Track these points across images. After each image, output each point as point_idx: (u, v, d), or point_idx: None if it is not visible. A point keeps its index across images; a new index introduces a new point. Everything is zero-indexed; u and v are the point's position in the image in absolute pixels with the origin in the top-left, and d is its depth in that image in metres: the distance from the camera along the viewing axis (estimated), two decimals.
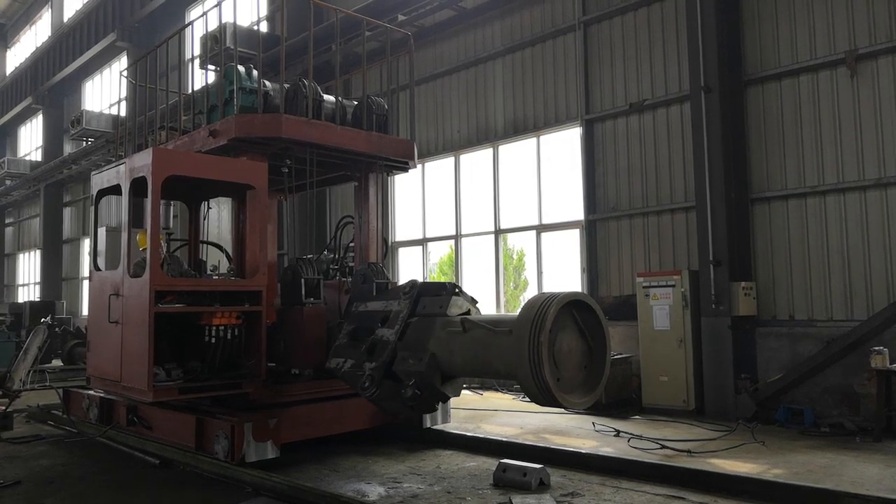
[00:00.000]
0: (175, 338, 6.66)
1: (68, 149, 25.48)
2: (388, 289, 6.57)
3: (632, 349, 9.85)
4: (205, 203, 8.48)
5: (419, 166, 11.90)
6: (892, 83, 8.22)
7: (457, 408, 8.93)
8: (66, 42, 25.31)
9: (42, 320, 10.97)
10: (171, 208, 7.95)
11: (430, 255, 13.85)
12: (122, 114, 16.91)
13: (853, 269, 8.42)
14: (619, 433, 7.78)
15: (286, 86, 7.63)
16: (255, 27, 15.52)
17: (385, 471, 6.37)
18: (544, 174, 11.86)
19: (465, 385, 6.60)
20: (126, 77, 12.36)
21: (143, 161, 6.55)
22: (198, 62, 15.23)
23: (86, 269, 22.25)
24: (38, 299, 24.79)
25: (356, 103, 8.36)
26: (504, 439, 7.25)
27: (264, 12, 16.90)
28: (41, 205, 26.74)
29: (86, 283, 22.92)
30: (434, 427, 7.69)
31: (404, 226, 14.23)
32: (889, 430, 7.44)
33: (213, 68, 13.36)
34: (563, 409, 7.14)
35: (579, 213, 11.13)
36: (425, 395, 5.58)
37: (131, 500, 5.59)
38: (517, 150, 12.35)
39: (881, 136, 8.28)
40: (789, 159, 8.97)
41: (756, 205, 9.21)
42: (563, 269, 11.52)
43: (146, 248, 6.45)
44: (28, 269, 29.76)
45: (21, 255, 30.48)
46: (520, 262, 12.87)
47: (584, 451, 6.60)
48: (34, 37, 30.51)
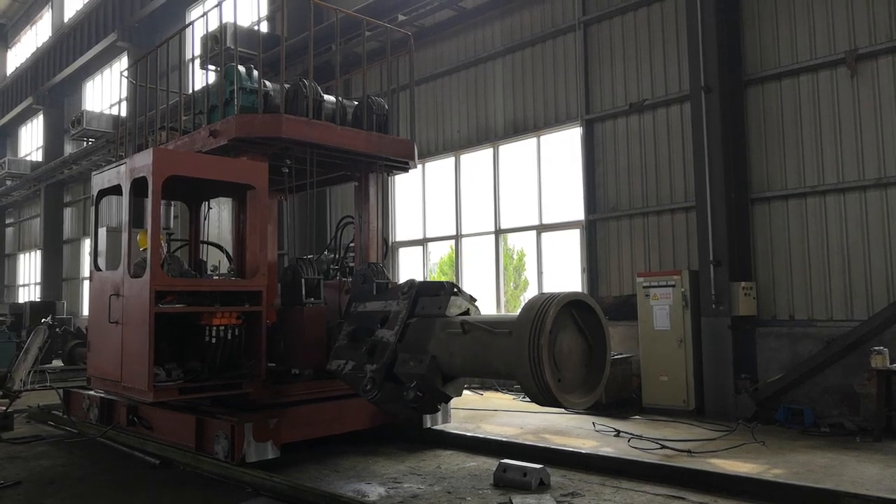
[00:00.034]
0: (175, 338, 6.66)
1: (69, 149, 25.49)
2: (388, 289, 6.57)
3: (632, 349, 9.85)
4: (205, 203, 8.49)
5: (419, 166, 11.90)
6: (893, 83, 8.22)
7: (457, 408, 8.93)
8: (67, 42, 25.32)
9: (42, 320, 11.01)
10: (172, 208, 7.94)
11: (430, 255, 13.85)
12: (123, 114, 16.93)
13: (853, 268, 8.42)
14: (619, 433, 7.79)
15: (286, 86, 7.63)
16: (256, 27, 15.52)
17: (385, 471, 6.38)
18: (544, 174, 11.86)
19: (465, 385, 6.59)
20: (126, 77, 12.38)
21: (143, 161, 6.56)
22: (198, 62, 15.24)
23: (86, 269, 22.26)
24: (38, 299, 24.79)
25: (356, 103, 8.37)
26: (504, 439, 7.25)
27: (264, 12, 16.91)
28: (42, 205, 26.75)
29: (86, 284, 22.93)
30: (434, 427, 7.69)
31: (404, 226, 14.23)
32: (889, 430, 7.44)
33: (213, 68, 13.35)
34: (563, 409, 7.15)
35: (579, 213, 11.13)
36: (427, 396, 5.58)
37: (132, 500, 5.59)
38: (517, 150, 12.35)
39: (881, 135, 8.28)
40: (789, 159, 8.98)
41: (756, 205, 9.21)
42: (563, 269, 11.52)
43: (146, 249, 6.46)
44: (28, 269, 29.77)
45: (21, 256, 30.49)
46: (520, 262, 12.87)
47: (584, 451, 6.60)
48: (35, 37, 30.53)
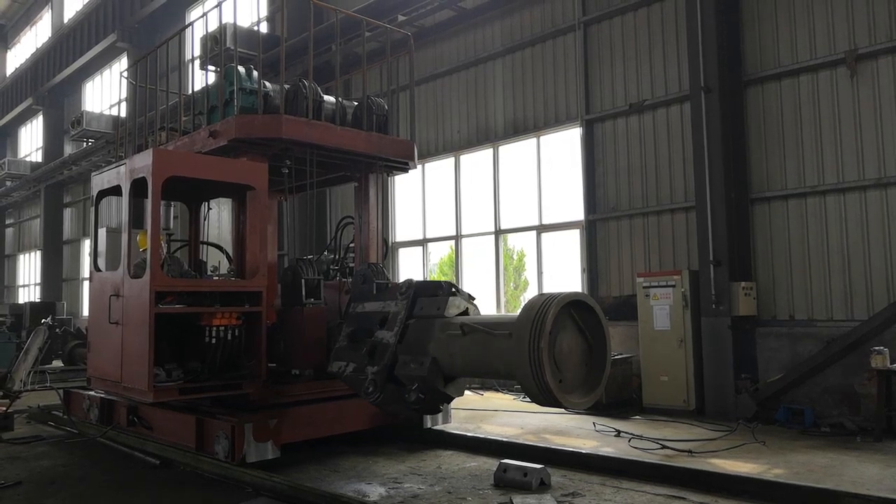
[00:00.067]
0: (175, 338, 6.66)
1: (69, 150, 25.49)
2: (387, 289, 6.56)
3: (632, 349, 9.85)
4: (205, 204, 8.48)
5: (419, 167, 11.90)
6: (893, 83, 8.22)
7: (457, 408, 8.93)
8: (67, 43, 25.32)
9: (42, 321, 11.00)
10: (172, 209, 7.94)
11: (430, 255, 13.85)
12: (123, 115, 16.93)
13: (853, 268, 8.42)
14: (619, 433, 7.78)
15: (286, 86, 7.63)
16: (256, 28, 15.53)
17: (386, 471, 6.37)
18: (544, 174, 11.86)
19: (466, 385, 6.58)
20: (126, 78, 12.37)
21: (143, 162, 6.56)
22: (198, 63, 15.24)
23: (86, 269, 22.25)
24: (38, 300, 24.80)
25: (356, 104, 8.36)
26: (504, 439, 7.25)
27: (264, 13, 16.91)
28: (41, 206, 26.75)
29: (86, 284, 22.93)
30: (434, 427, 7.69)
31: (404, 226, 14.23)
32: (889, 429, 7.44)
33: (213, 69, 13.34)
34: (564, 409, 7.14)
35: (579, 214, 11.14)
36: (429, 397, 5.57)
37: (132, 500, 5.59)
38: (517, 151, 12.35)
39: (881, 135, 8.28)
40: (789, 159, 8.97)
41: (756, 205, 9.21)
42: (563, 269, 11.52)
43: (146, 249, 6.46)
44: (28, 269, 29.77)
45: (21, 256, 30.49)
46: (520, 262, 12.87)
47: (584, 451, 6.60)
48: (34, 38, 30.52)
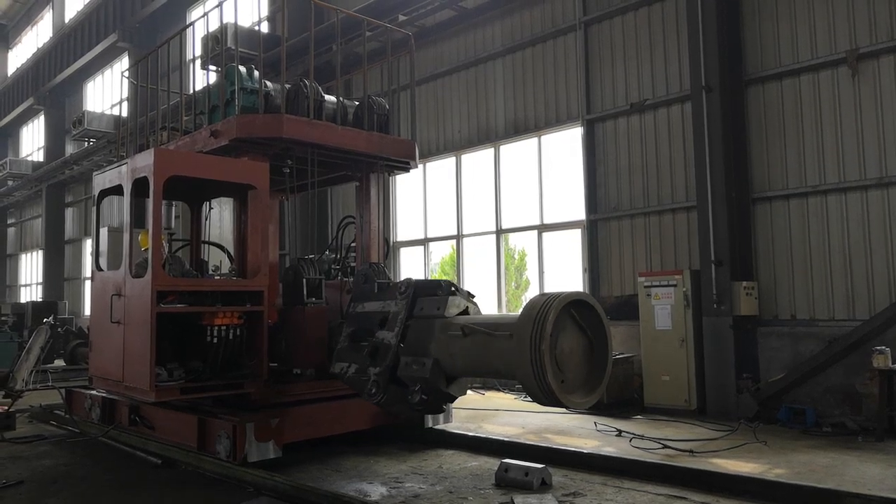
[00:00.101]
0: (177, 338, 6.67)
1: (70, 149, 25.50)
2: (387, 288, 6.55)
3: (633, 349, 9.85)
4: (206, 203, 8.49)
5: (420, 166, 11.91)
6: (894, 82, 8.21)
7: (458, 408, 8.93)
8: (68, 43, 25.34)
9: (44, 320, 11.03)
10: (173, 208, 7.96)
11: (431, 255, 13.85)
12: (124, 114, 16.92)
13: (855, 268, 8.42)
14: (620, 433, 7.78)
15: (287, 86, 7.64)
16: (256, 27, 15.51)
17: (387, 471, 6.38)
18: (545, 174, 11.86)
19: (469, 384, 6.58)
20: (127, 77, 12.40)
21: (144, 161, 6.56)
22: (199, 63, 15.26)
23: (88, 269, 22.27)
24: (40, 299, 24.82)
25: (357, 103, 8.37)
26: (506, 439, 7.25)
27: (265, 13, 16.92)
28: (43, 205, 26.78)
29: (88, 284, 22.93)
30: (436, 427, 7.69)
31: (406, 226, 14.23)
32: (891, 429, 7.43)
33: (214, 69, 13.32)
34: (565, 409, 7.15)
35: (580, 213, 11.13)
36: (432, 398, 5.57)
37: (133, 499, 5.60)
38: (518, 150, 12.35)
39: (882, 135, 8.27)
40: (790, 159, 8.97)
41: (757, 204, 9.20)
42: (564, 269, 11.52)
43: (148, 249, 6.46)
44: (30, 269, 29.81)
45: (23, 256, 30.52)
46: (521, 262, 12.87)
47: (586, 451, 6.60)
48: (35, 37, 30.55)
